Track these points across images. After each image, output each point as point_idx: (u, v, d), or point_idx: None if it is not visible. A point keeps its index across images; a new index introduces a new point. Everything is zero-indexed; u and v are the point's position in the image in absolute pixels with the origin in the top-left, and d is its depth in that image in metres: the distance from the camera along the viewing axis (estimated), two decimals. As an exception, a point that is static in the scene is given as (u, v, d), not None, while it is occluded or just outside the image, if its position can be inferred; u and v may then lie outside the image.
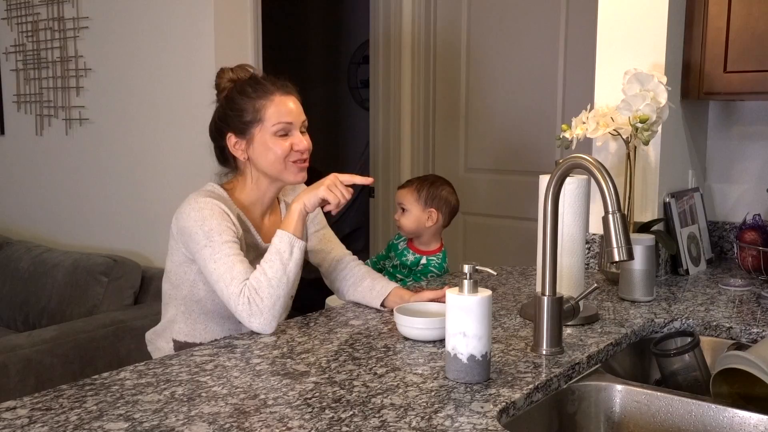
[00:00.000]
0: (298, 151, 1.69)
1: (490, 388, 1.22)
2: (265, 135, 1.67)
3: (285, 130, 1.67)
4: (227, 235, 1.59)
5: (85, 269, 2.99)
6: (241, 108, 1.68)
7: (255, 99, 1.67)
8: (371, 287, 1.77)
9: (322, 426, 1.07)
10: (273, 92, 1.68)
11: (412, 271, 2.25)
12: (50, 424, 1.07)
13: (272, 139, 1.67)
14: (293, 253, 1.56)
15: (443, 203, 2.26)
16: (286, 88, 1.71)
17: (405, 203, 2.26)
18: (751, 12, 1.96)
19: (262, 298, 1.51)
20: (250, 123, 1.67)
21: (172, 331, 1.74)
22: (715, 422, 1.27)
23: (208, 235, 1.58)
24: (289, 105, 1.69)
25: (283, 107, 1.67)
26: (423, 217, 2.23)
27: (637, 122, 1.87)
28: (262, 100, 1.67)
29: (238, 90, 1.70)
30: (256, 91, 1.68)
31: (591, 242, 2.12)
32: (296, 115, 1.70)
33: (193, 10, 2.93)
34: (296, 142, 1.68)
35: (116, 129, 3.27)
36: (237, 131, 1.69)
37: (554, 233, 1.39)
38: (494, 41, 3.26)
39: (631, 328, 1.58)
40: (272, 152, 1.67)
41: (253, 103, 1.67)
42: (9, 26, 3.63)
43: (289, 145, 1.67)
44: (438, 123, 3.51)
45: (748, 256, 2.07)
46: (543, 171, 1.69)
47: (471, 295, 1.23)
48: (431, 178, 2.33)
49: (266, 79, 1.72)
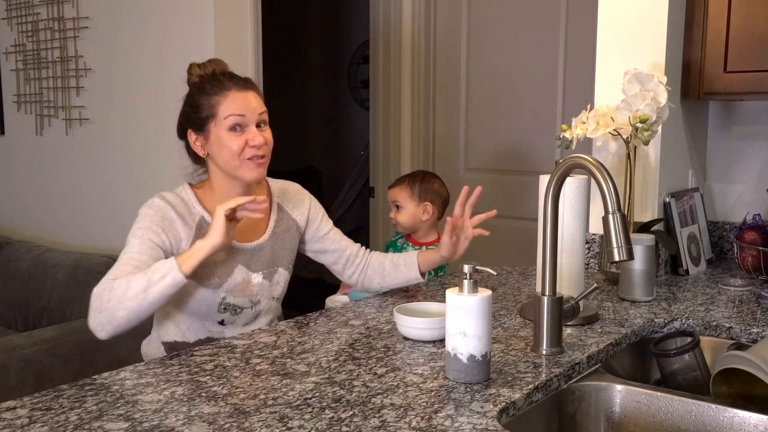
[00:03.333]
0: (254, 147, 1.65)
1: (490, 388, 1.22)
2: (220, 130, 1.65)
3: (238, 123, 1.65)
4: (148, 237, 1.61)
5: (85, 269, 2.99)
6: (197, 104, 1.68)
7: (211, 95, 1.66)
8: (395, 265, 1.86)
9: (322, 426, 1.07)
10: (229, 87, 1.66)
11: None
12: (50, 424, 1.07)
13: (226, 134, 1.65)
14: (164, 280, 1.49)
15: (436, 196, 2.34)
16: (244, 83, 1.69)
17: (399, 200, 2.33)
18: (751, 12, 1.96)
19: (110, 298, 1.49)
20: (206, 119, 1.67)
21: (161, 335, 1.74)
22: (715, 422, 1.27)
23: (133, 233, 1.63)
24: (243, 100, 1.66)
25: (236, 102, 1.65)
26: (419, 212, 2.31)
27: (637, 122, 1.87)
28: (217, 95, 1.66)
29: (197, 87, 1.70)
30: (213, 87, 1.67)
31: (591, 242, 2.12)
32: (251, 110, 1.66)
33: (193, 10, 2.93)
34: (251, 137, 1.65)
35: (116, 129, 3.27)
36: (195, 128, 1.69)
37: (554, 233, 1.39)
38: (494, 41, 3.26)
39: (631, 328, 1.58)
40: (227, 148, 1.65)
41: (209, 99, 1.66)
42: (9, 26, 3.63)
43: (243, 141, 1.64)
44: (438, 123, 3.51)
45: (748, 256, 2.07)
46: (543, 171, 1.69)
47: (471, 295, 1.23)
48: (420, 174, 2.41)
49: (224, 75, 1.70)
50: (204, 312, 1.69)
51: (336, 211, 4.87)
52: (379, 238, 3.67)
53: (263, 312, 1.77)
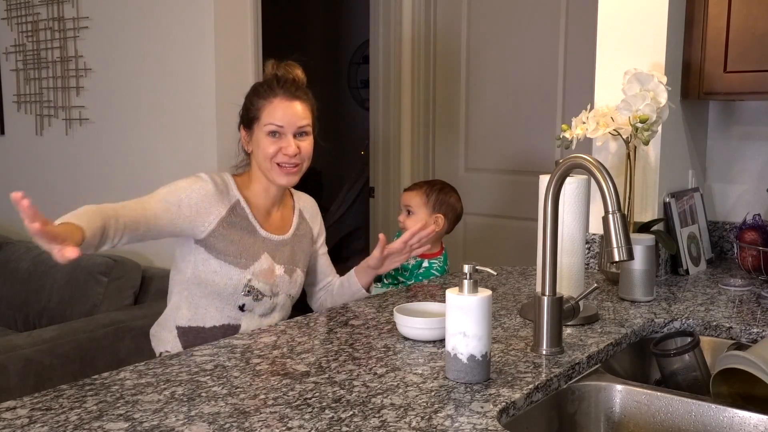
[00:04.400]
0: (285, 155, 1.76)
1: (490, 388, 1.22)
2: (260, 133, 1.78)
3: (276, 131, 1.76)
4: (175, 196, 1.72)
5: (85, 269, 2.99)
6: (249, 104, 1.81)
7: (259, 98, 1.78)
8: (341, 285, 1.98)
9: (322, 426, 1.07)
10: (276, 94, 1.77)
11: (414, 274, 2.24)
12: (50, 424, 1.07)
13: (264, 138, 1.77)
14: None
15: (450, 210, 2.27)
16: (294, 92, 1.79)
17: (412, 206, 2.25)
18: (751, 12, 1.96)
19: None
20: (252, 119, 1.79)
21: (176, 318, 1.80)
22: (715, 422, 1.27)
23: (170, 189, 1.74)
24: (286, 108, 1.76)
25: (278, 110, 1.76)
26: (429, 222, 2.21)
27: (637, 122, 1.87)
28: (264, 100, 1.77)
29: (254, 87, 1.83)
30: (264, 90, 1.79)
31: (591, 242, 2.12)
32: (290, 120, 1.77)
33: (193, 9, 2.93)
34: (285, 146, 1.76)
35: (116, 129, 3.27)
36: (245, 124, 1.82)
37: (554, 233, 1.39)
38: (494, 41, 3.26)
39: (631, 328, 1.58)
40: (262, 151, 1.77)
41: (258, 102, 1.78)
42: (9, 26, 3.63)
43: (277, 148, 1.76)
44: (438, 123, 3.51)
45: (748, 256, 2.07)
46: (543, 171, 1.69)
47: (471, 295, 1.23)
48: (440, 184, 2.32)
49: (280, 80, 1.80)
50: (229, 292, 1.76)
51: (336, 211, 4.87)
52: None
53: (279, 306, 1.86)
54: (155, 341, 1.85)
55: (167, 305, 1.86)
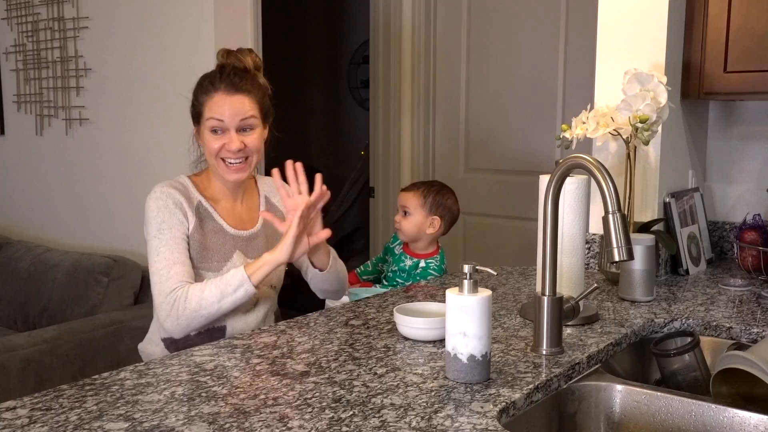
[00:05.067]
0: (229, 152, 1.71)
1: (490, 388, 1.22)
2: (205, 129, 1.74)
3: (217, 127, 1.71)
4: (176, 230, 1.67)
5: (85, 269, 2.99)
6: (194, 100, 1.77)
7: (202, 93, 1.74)
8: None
9: (322, 426, 1.07)
10: (217, 89, 1.71)
11: (411, 274, 2.24)
12: (50, 424, 1.07)
13: (207, 134, 1.73)
14: (236, 293, 1.62)
15: (447, 212, 2.26)
16: (236, 84, 1.71)
17: (409, 206, 2.24)
18: (751, 12, 1.96)
19: (186, 308, 1.61)
20: (198, 115, 1.75)
21: (161, 331, 1.76)
22: (715, 422, 1.27)
23: (159, 227, 1.67)
24: (226, 104, 1.70)
25: (218, 106, 1.70)
26: (425, 223, 2.22)
27: (637, 122, 1.87)
28: (205, 95, 1.72)
29: (199, 82, 1.77)
30: (206, 85, 1.73)
31: (591, 242, 2.12)
32: (231, 115, 1.70)
33: (192, 10, 2.93)
34: (228, 142, 1.71)
35: (116, 129, 3.27)
36: (194, 120, 1.78)
37: (554, 233, 1.39)
38: (494, 41, 3.26)
39: (631, 328, 1.58)
40: (207, 147, 1.74)
41: (201, 97, 1.74)
42: (9, 26, 3.63)
43: (221, 144, 1.71)
44: (438, 123, 3.51)
45: (748, 256, 2.07)
46: (543, 171, 1.69)
47: (471, 295, 1.23)
48: (437, 185, 2.31)
49: (224, 72, 1.73)
50: None
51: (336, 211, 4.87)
52: (378, 239, 3.67)
53: (261, 299, 1.82)
54: (144, 356, 1.82)
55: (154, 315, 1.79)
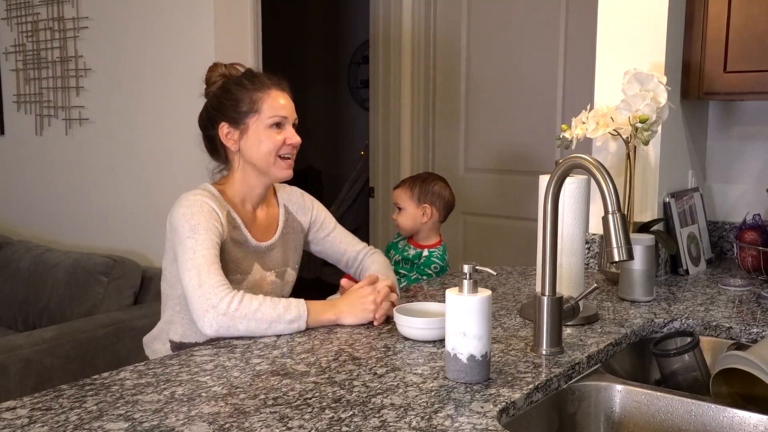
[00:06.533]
0: (290, 146, 1.72)
1: (490, 388, 1.22)
2: (260, 126, 1.70)
3: (281, 122, 1.71)
4: (212, 233, 1.61)
5: (85, 269, 2.99)
6: (237, 98, 1.71)
7: (252, 90, 1.71)
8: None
9: (322, 426, 1.07)
10: (270, 86, 1.72)
11: (415, 264, 2.28)
12: (50, 424, 1.07)
13: (266, 131, 1.70)
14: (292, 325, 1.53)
15: (436, 197, 2.31)
16: (281, 84, 1.75)
17: (400, 202, 2.32)
18: (751, 12, 1.95)
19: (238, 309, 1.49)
20: (245, 113, 1.71)
21: (169, 332, 1.75)
22: (715, 422, 1.27)
23: (193, 228, 1.60)
24: (284, 98, 1.73)
25: (277, 100, 1.71)
26: (418, 214, 2.29)
27: (637, 122, 1.87)
28: (260, 92, 1.71)
29: (234, 81, 1.74)
30: (254, 83, 1.72)
31: (591, 242, 2.12)
32: (290, 111, 1.74)
33: (193, 10, 2.93)
34: (289, 136, 1.72)
35: (116, 129, 3.27)
36: (231, 121, 1.72)
37: (554, 233, 1.39)
38: (494, 41, 3.26)
39: (631, 328, 1.58)
40: (264, 144, 1.70)
41: (250, 95, 1.71)
42: (9, 26, 3.63)
43: (282, 139, 1.71)
44: (438, 123, 3.51)
45: (748, 256, 2.07)
46: (543, 171, 1.69)
47: (471, 295, 1.23)
48: (423, 175, 2.39)
49: (262, 73, 1.76)
50: None
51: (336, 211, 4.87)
52: (378, 238, 3.67)
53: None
54: (149, 351, 1.81)
55: (163, 314, 1.79)
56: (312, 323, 1.55)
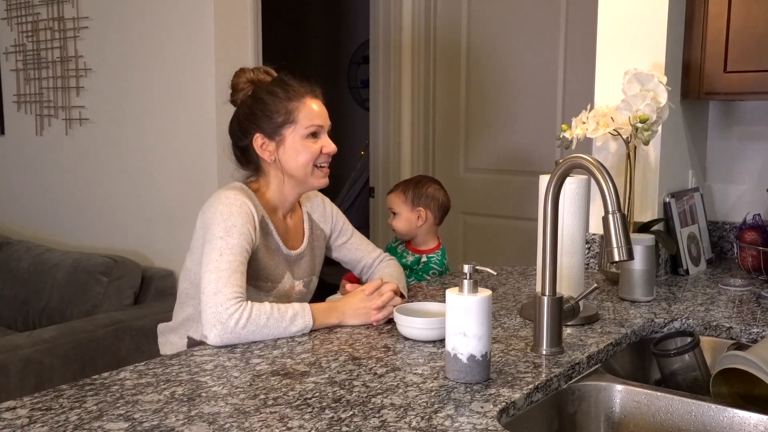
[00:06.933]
0: (326, 154, 1.69)
1: (490, 388, 1.22)
2: (296, 137, 1.66)
3: (318, 131, 1.68)
4: (244, 240, 1.56)
5: (85, 269, 2.99)
6: (271, 108, 1.66)
7: (285, 100, 1.66)
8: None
9: (322, 426, 1.07)
10: (303, 94, 1.68)
11: (414, 270, 2.26)
12: (50, 424, 1.07)
13: (303, 141, 1.67)
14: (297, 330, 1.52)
15: (431, 200, 2.28)
16: (315, 90, 1.71)
17: (394, 207, 2.29)
18: (751, 12, 1.96)
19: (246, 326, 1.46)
20: (281, 124, 1.66)
21: (189, 329, 1.73)
22: (715, 422, 1.27)
23: (228, 231, 1.55)
24: (318, 105, 1.69)
25: (312, 109, 1.67)
26: (413, 218, 2.26)
27: (637, 122, 1.87)
28: (294, 101, 1.66)
29: (266, 90, 1.69)
30: (287, 91, 1.67)
31: (591, 242, 2.12)
32: (325, 118, 1.70)
33: (193, 10, 2.93)
34: (326, 144, 1.69)
35: (116, 129, 3.27)
36: (266, 132, 1.67)
37: (554, 233, 1.39)
38: (494, 41, 3.26)
39: (631, 328, 1.58)
40: (302, 155, 1.67)
41: (285, 104, 1.66)
42: (9, 26, 3.63)
43: (319, 148, 1.68)
44: (438, 123, 3.51)
45: (748, 256, 2.07)
46: (543, 171, 1.69)
47: (471, 295, 1.23)
48: (416, 179, 2.36)
49: (293, 80, 1.70)
50: None
51: (336, 211, 4.87)
52: (379, 239, 3.67)
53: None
54: (163, 341, 1.79)
55: (177, 314, 1.76)
56: (318, 326, 1.55)
